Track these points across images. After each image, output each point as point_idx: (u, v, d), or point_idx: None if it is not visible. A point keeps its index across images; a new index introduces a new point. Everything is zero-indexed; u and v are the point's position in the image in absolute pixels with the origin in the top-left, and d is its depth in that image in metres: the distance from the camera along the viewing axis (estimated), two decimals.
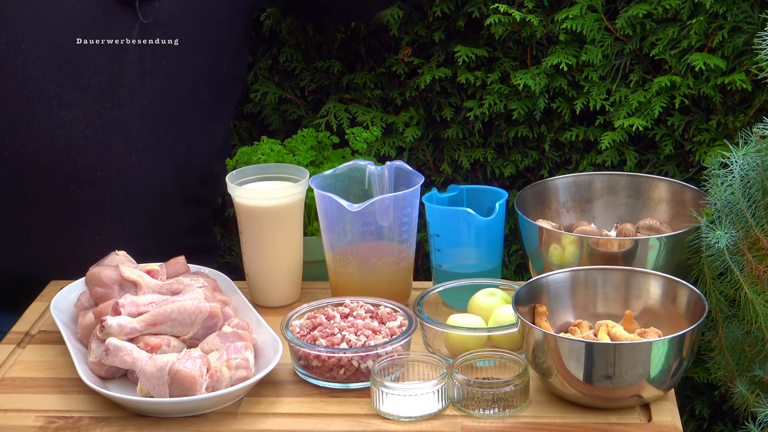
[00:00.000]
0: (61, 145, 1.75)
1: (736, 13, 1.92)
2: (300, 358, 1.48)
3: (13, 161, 1.76)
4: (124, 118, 1.77)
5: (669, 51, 1.96)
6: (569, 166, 2.10)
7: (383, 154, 2.11)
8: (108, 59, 1.75)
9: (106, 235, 1.80)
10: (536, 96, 2.03)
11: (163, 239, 1.84)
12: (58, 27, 1.73)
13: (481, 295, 1.57)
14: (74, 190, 1.77)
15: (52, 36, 1.73)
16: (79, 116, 1.75)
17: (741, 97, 1.98)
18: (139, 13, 1.74)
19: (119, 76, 1.76)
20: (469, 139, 2.12)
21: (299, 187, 1.66)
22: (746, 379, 1.51)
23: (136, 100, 1.77)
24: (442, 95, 2.11)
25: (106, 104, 1.76)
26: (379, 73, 2.12)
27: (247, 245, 1.67)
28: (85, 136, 1.76)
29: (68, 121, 1.75)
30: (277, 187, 1.68)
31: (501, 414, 1.40)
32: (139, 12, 1.74)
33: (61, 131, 1.75)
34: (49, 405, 1.46)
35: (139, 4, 1.74)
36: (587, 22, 1.98)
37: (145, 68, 1.76)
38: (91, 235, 1.80)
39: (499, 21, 2.00)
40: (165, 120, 1.80)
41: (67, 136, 1.75)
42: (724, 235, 1.47)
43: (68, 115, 1.75)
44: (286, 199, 1.65)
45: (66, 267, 1.77)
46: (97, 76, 1.75)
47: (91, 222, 1.80)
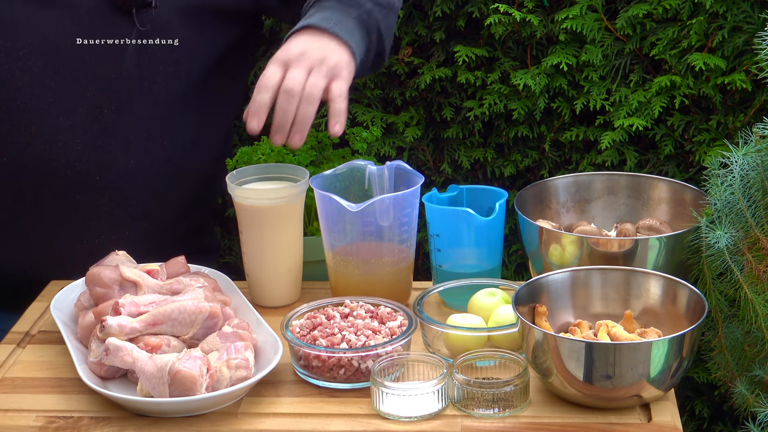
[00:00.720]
0: (59, 150, 1.75)
1: (736, 13, 1.92)
2: (300, 358, 1.48)
3: (11, 166, 1.76)
4: (123, 123, 1.77)
5: (669, 51, 1.96)
6: (569, 166, 2.10)
7: (383, 154, 2.11)
8: (105, 65, 1.75)
9: (105, 238, 1.80)
10: (536, 96, 2.03)
11: (164, 241, 1.83)
12: (55, 33, 1.73)
13: (481, 295, 1.57)
14: (73, 194, 1.77)
15: (49, 42, 1.73)
16: (77, 122, 1.75)
17: (741, 97, 1.98)
18: (136, 20, 1.74)
19: (117, 81, 1.75)
20: (469, 139, 2.12)
21: (299, 187, 1.66)
22: (746, 379, 1.51)
23: (135, 105, 1.77)
24: (442, 95, 2.11)
25: (104, 110, 1.76)
26: (379, 73, 2.12)
27: (247, 245, 1.67)
28: (83, 141, 1.76)
29: (66, 127, 1.75)
30: (277, 187, 1.67)
31: (501, 414, 1.40)
32: (136, 19, 1.74)
33: (59, 137, 1.75)
34: (49, 405, 1.46)
35: (136, 10, 1.74)
36: (587, 22, 1.98)
37: (143, 73, 1.76)
38: (90, 239, 1.80)
39: (499, 21, 2.00)
40: (163, 124, 1.80)
41: (65, 142, 1.75)
42: (724, 235, 1.47)
43: (66, 121, 1.75)
44: (287, 199, 1.65)
45: (66, 269, 1.77)
46: (94, 82, 1.75)
47: (91, 225, 1.80)
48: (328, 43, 1.62)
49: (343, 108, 1.58)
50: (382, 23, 1.72)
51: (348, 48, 1.63)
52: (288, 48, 1.60)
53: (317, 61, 1.59)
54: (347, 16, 1.66)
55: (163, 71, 1.78)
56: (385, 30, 1.73)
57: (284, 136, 1.58)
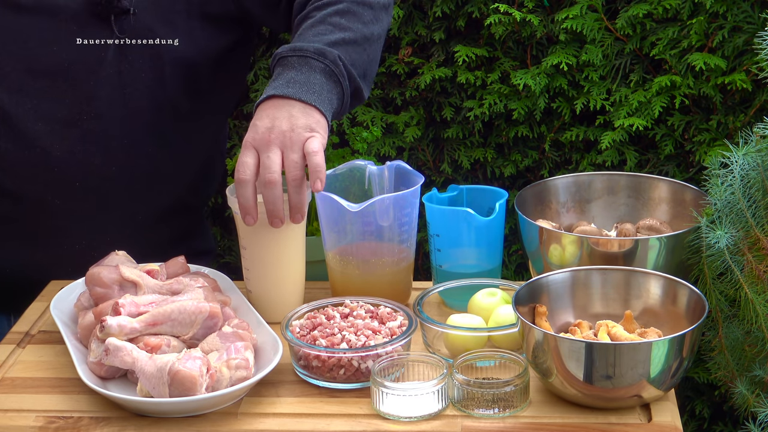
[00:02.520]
0: (39, 156, 1.74)
1: (736, 13, 1.92)
2: (300, 358, 1.48)
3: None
4: (102, 130, 1.76)
5: (669, 51, 1.96)
6: (569, 166, 2.10)
7: (383, 154, 2.11)
8: (84, 72, 1.74)
9: (87, 243, 1.80)
10: (536, 96, 2.03)
11: (148, 246, 1.80)
12: (35, 40, 1.72)
13: (481, 295, 1.57)
14: (53, 199, 1.77)
15: (28, 49, 1.72)
16: (56, 128, 1.74)
17: (741, 97, 1.98)
18: (114, 27, 1.73)
19: (96, 88, 1.74)
20: (469, 139, 2.12)
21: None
22: (746, 379, 1.51)
23: (115, 112, 1.76)
24: (442, 95, 2.11)
25: (84, 117, 1.75)
26: (379, 73, 2.12)
27: (248, 260, 1.64)
28: (62, 147, 1.75)
29: (45, 133, 1.74)
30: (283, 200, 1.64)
31: (501, 414, 1.40)
32: (115, 26, 1.73)
33: (38, 143, 1.74)
34: (49, 405, 1.46)
35: (114, 18, 1.73)
36: (587, 22, 1.98)
37: (124, 80, 1.75)
38: (71, 244, 1.80)
39: (499, 21, 2.00)
40: (145, 131, 1.79)
41: (44, 148, 1.74)
42: (724, 235, 1.47)
43: (45, 128, 1.74)
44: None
45: (50, 274, 1.77)
46: (73, 89, 1.74)
47: (73, 230, 1.79)
48: (296, 109, 1.56)
49: (321, 162, 1.53)
50: (355, 65, 1.65)
51: (317, 109, 1.57)
52: (255, 128, 1.55)
53: (288, 131, 1.54)
54: (313, 72, 1.59)
55: (146, 78, 1.76)
56: (359, 68, 1.66)
57: (283, 219, 1.55)
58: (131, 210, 1.81)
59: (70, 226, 1.79)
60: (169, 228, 1.87)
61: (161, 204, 1.85)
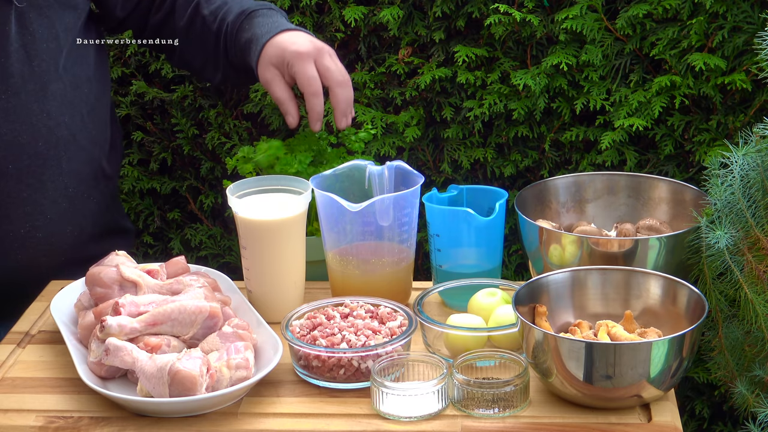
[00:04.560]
0: None
1: (736, 13, 1.92)
2: (300, 358, 1.48)
3: None
4: (22, 106, 1.77)
5: (669, 51, 1.96)
6: (569, 166, 2.10)
7: (383, 154, 2.11)
8: None
9: (30, 225, 1.80)
10: (536, 96, 2.03)
11: (82, 220, 1.84)
12: None
13: (481, 295, 1.57)
14: None
15: None
16: None
17: (741, 97, 1.98)
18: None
19: (7, 65, 1.75)
20: (469, 139, 2.12)
21: (303, 200, 1.63)
22: (746, 379, 1.51)
23: (29, 86, 1.77)
24: (442, 95, 2.11)
25: (2, 96, 1.76)
26: (378, 73, 2.12)
27: (250, 261, 1.64)
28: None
29: None
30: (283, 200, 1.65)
31: (501, 414, 1.40)
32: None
33: None
34: (49, 405, 1.46)
35: None
36: (587, 22, 1.98)
37: (29, 53, 1.76)
38: (15, 229, 1.79)
39: (499, 21, 2.00)
40: (59, 100, 1.80)
41: None
42: (724, 235, 1.47)
43: None
44: (292, 213, 1.62)
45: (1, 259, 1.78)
46: None
47: (12, 215, 1.79)
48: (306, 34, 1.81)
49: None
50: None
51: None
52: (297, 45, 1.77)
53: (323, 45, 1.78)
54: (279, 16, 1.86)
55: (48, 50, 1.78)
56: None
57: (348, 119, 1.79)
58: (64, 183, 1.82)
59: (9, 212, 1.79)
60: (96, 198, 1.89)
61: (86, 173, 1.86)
